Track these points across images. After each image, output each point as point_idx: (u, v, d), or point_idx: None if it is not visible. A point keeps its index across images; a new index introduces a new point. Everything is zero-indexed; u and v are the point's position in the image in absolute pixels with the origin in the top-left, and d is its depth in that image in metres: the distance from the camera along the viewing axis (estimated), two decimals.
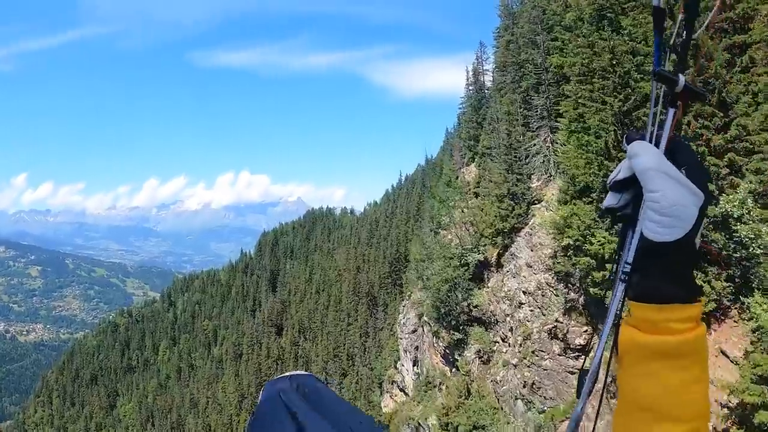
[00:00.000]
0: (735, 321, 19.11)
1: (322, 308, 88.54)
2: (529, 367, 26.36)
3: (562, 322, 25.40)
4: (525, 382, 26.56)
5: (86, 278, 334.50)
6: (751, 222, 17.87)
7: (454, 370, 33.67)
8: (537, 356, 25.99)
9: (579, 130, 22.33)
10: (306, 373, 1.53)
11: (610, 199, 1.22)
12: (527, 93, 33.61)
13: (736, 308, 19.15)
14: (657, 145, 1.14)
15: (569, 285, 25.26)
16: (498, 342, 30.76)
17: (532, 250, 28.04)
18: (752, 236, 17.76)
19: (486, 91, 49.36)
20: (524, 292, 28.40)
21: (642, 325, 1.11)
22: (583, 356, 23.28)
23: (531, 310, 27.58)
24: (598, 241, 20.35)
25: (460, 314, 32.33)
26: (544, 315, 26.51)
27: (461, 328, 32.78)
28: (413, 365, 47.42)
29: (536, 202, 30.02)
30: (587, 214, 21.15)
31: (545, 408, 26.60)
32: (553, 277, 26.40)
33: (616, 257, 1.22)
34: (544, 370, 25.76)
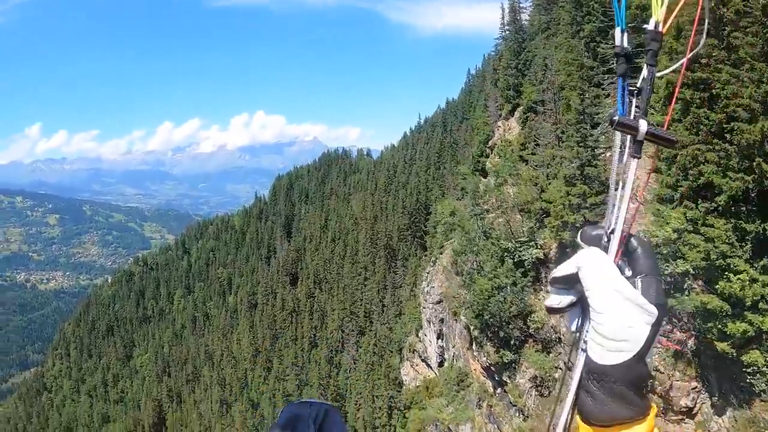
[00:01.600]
0: None
1: (338, 258, 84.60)
2: None
3: (662, 372, 18.69)
4: None
5: (104, 224, 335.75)
6: None
7: (500, 391, 27.74)
8: None
9: (696, 100, 15.63)
10: (327, 403, 1.51)
11: (552, 300, 1.12)
12: (591, 38, 26.62)
13: None
14: (613, 231, 1.04)
15: (674, 320, 18.16)
16: (562, 370, 24.44)
17: None
18: None
19: (525, 33, 41.95)
20: None
21: None
22: (685, 419, 17.73)
23: None
24: (739, 279, 14.12)
25: (513, 329, 26.21)
26: None
27: (512, 344, 26.72)
28: (437, 338, 43.69)
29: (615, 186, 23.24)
30: (719, 235, 14.62)
31: None
32: None
33: (577, 331, 1.11)
34: None
